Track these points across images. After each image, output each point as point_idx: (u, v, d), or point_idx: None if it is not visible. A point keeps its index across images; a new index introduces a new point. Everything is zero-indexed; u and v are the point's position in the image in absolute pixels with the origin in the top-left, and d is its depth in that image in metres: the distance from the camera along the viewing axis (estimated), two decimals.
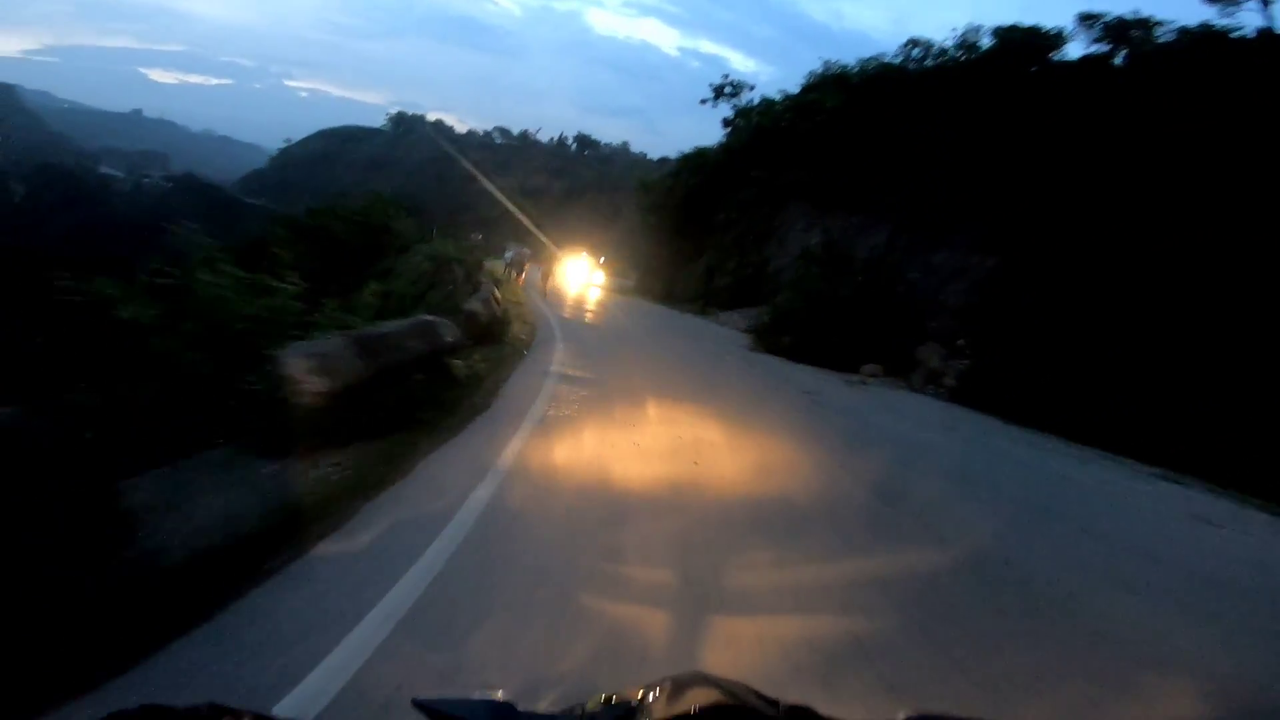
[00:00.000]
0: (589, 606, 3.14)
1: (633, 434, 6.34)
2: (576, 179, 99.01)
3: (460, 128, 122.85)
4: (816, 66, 28.84)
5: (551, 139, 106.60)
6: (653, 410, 7.65)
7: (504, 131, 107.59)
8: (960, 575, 4.23)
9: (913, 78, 23.35)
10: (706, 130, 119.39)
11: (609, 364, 10.87)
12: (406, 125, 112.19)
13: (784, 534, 4.48)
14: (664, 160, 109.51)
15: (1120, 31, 18.65)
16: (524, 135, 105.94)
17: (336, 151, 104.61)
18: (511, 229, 67.17)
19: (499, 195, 67.12)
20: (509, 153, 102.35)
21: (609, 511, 4.37)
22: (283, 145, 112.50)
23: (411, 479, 4.45)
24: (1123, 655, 3.52)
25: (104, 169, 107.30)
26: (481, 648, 2.70)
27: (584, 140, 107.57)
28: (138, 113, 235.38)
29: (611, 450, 5.74)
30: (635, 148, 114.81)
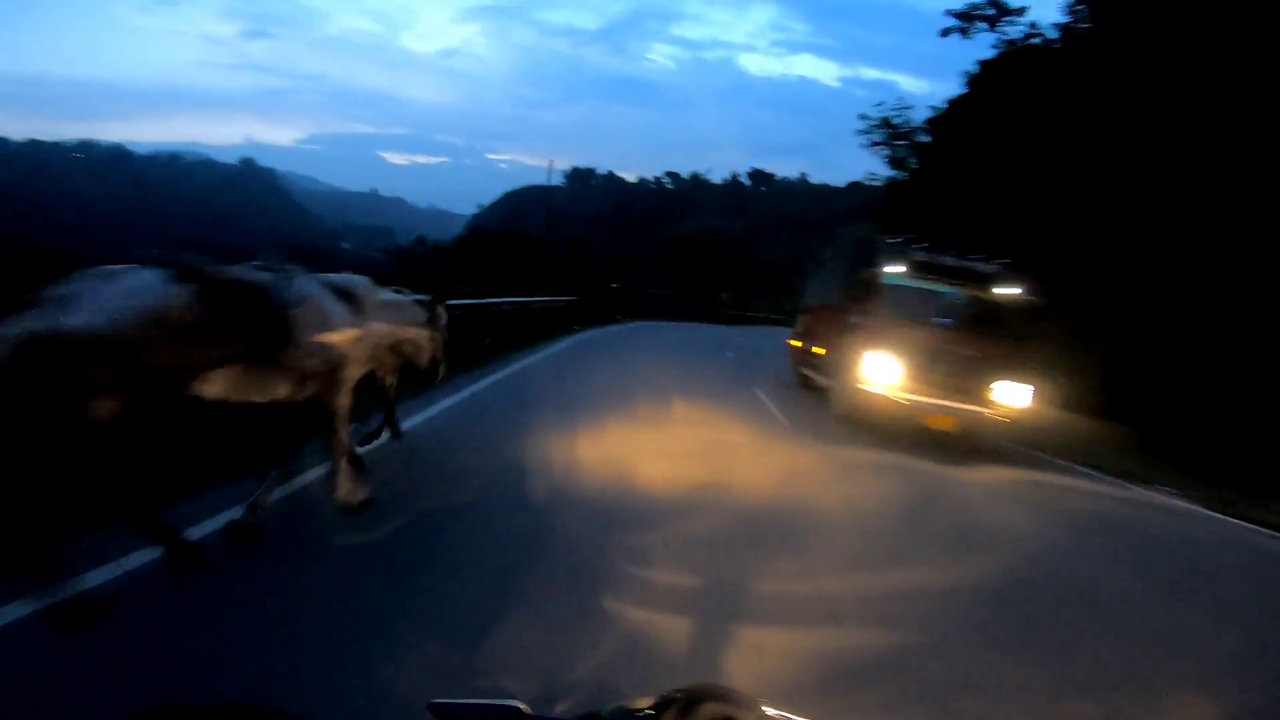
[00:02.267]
0: None
1: None
2: (757, 216, 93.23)
3: (630, 178, 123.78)
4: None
5: (724, 179, 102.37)
6: None
7: (674, 176, 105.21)
8: None
9: None
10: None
11: None
12: (581, 180, 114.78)
13: None
14: (855, 186, 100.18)
15: None
16: (695, 178, 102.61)
17: (521, 212, 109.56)
18: (708, 276, 62.52)
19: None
20: (681, 196, 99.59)
21: None
22: (476, 211, 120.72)
23: None
24: None
25: (343, 244, 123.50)
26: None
27: (759, 176, 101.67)
28: (375, 191, 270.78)
29: None
30: (814, 179, 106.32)
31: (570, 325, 20.34)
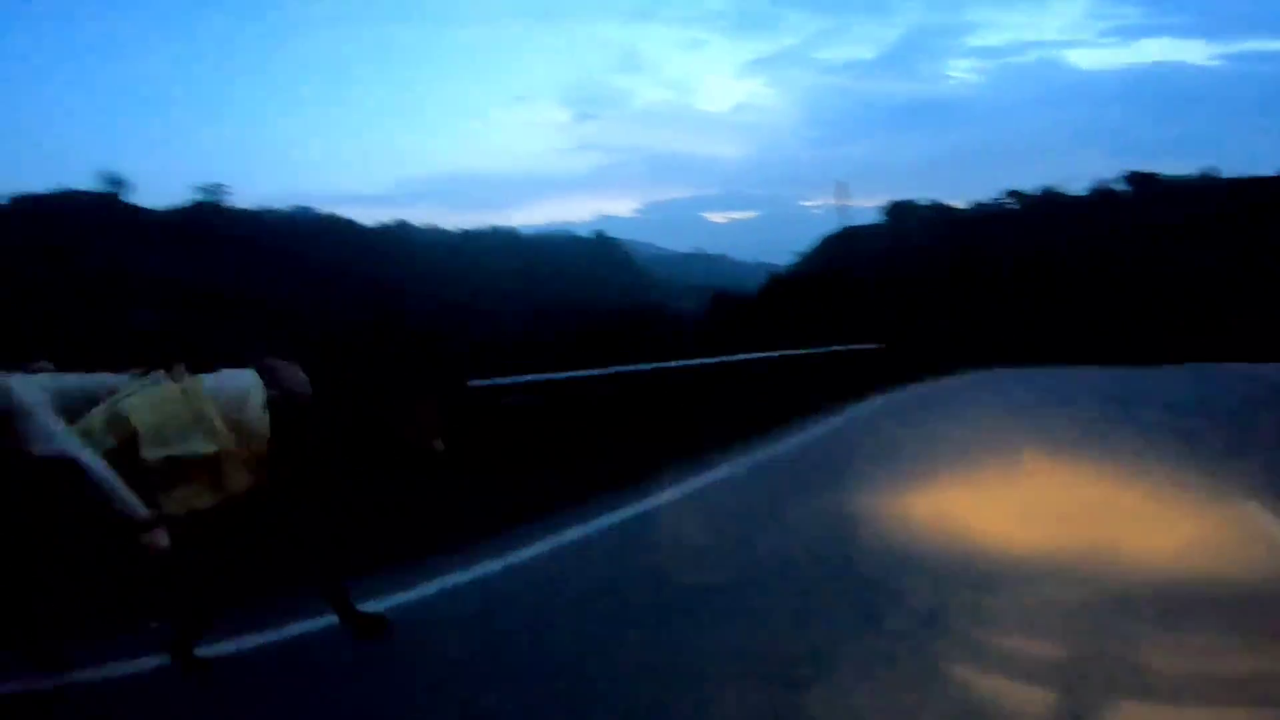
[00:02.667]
0: None
1: None
2: (1144, 227, 75.88)
3: (961, 204, 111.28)
4: None
5: (1088, 188, 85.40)
6: None
7: (1017, 195, 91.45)
8: None
9: None
10: None
11: None
12: (901, 214, 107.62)
13: None
14: None
15: None
16: (1047, 192, 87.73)
17: (841, 254, 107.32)
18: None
19: None
20: (1032, 216, 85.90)
21: None
22: (794, 261, 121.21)
23: None
24: None
25: (679, 303, 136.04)
26: None
27: (1139, 178, 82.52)
28: (701, 251, 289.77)
29: None
30: (1226, 171, 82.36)
31: (869, 385, 15.53)
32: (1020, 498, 6.01)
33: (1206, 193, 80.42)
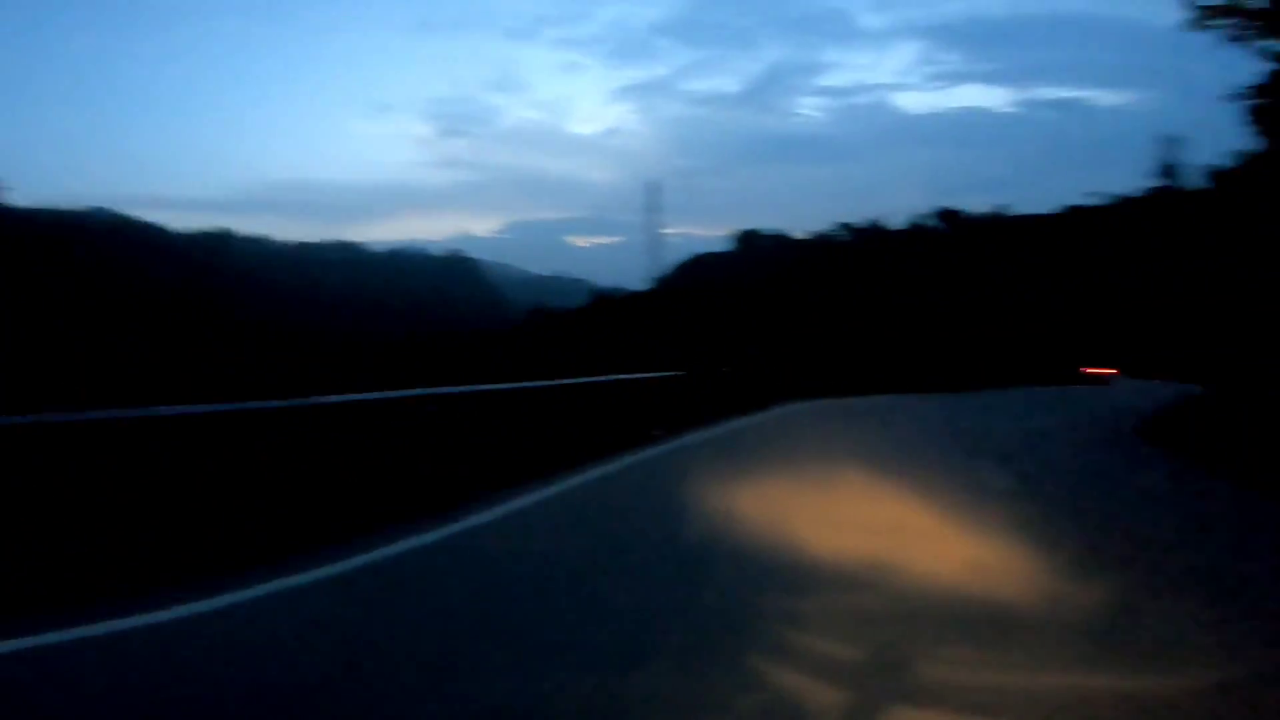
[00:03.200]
0: None
1: None
2: (953, 260, 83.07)
3: (800, 234, 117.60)
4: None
5: (905, 223, 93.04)
6: None
7: (848, 227, 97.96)
8: None
9: None
10: (1083, 178, 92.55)
11: None
12: (749, 243, 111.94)
13: None
14: (1075, 211, 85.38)
15: None
16: (874, 224, 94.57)
17: (696, 282, 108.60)
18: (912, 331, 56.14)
19: None
20: (860, 246, 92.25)
21: None
22: (649, 286, 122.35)
23: None
24: None
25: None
26: None
27: (946, 215, 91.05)
28: (560, 274, 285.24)
29: None
30: (1018, 208, 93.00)
31: (656, 425, 12.77)
32: None
33: (999, 228, 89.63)
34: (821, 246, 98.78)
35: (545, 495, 7.80)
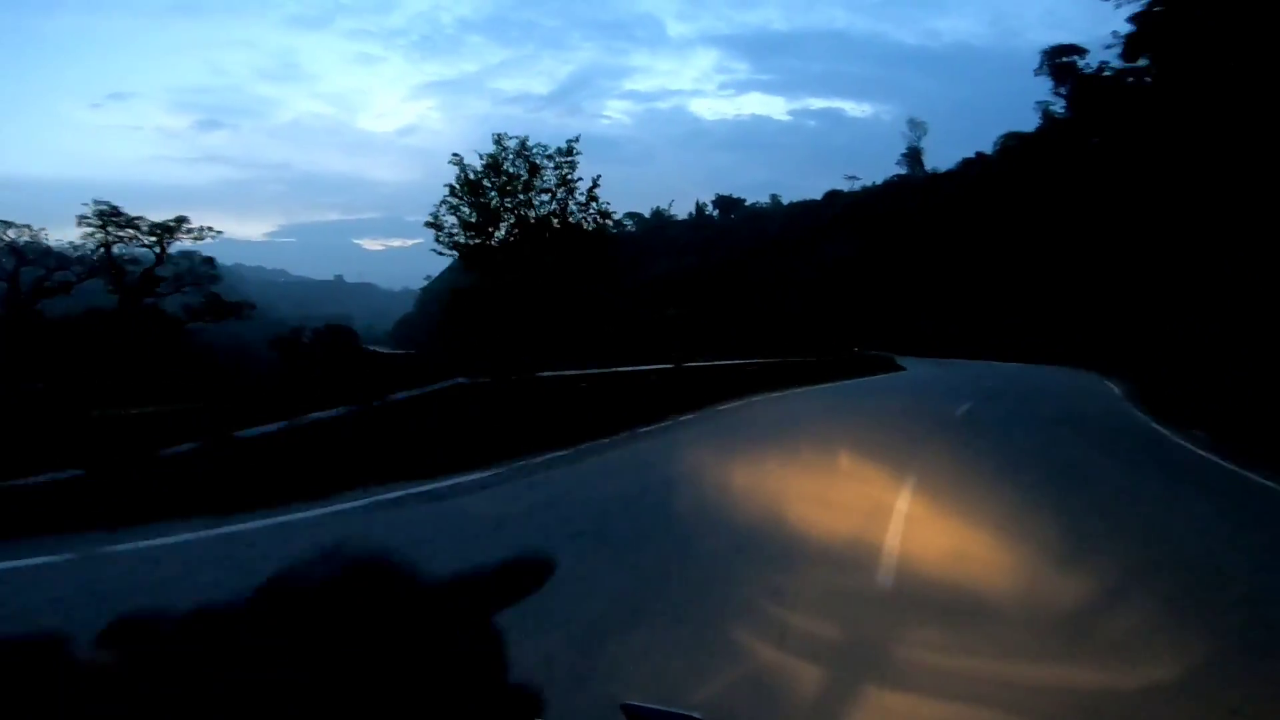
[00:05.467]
0: None
1: None
2: (732, 247, 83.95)
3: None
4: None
5: (689, 213, 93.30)
6: None
7: (635, 216, 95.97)
8: None
9: None
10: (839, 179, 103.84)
11: None
12: (531, 232, 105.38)
13: None
14: (834, 194, 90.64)
15: None
16: (658, 213, 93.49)
17: (472, 278, 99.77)
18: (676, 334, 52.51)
19: None
20: (646, 239, 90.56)
21: None
22: (423, 285, 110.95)
23: None
24: None
25: (304, 339, 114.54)
26: None
27: (726, 202, 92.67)
28: (339, 279, 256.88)
29: None
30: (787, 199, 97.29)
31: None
32: None
33: (776, 214, 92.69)
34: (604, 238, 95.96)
35: None
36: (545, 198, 19.94)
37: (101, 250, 33.64)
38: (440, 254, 20.26)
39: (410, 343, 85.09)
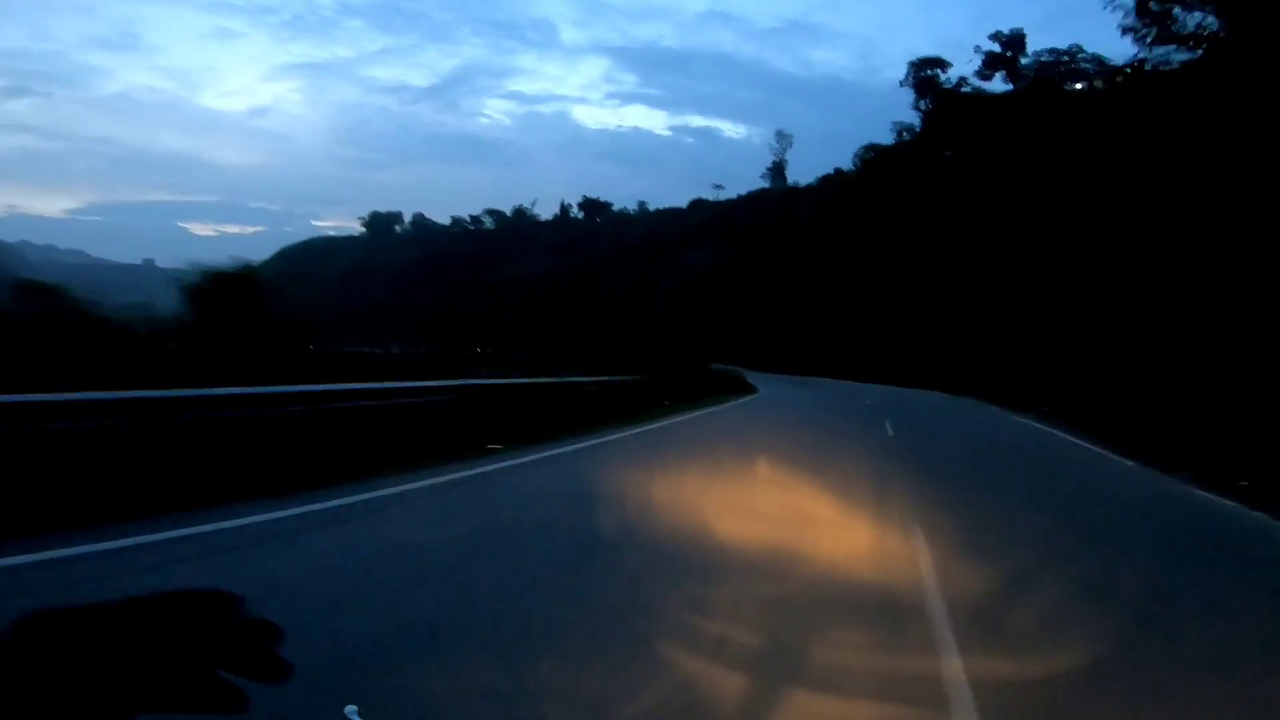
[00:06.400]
0: None
1: None
2: (594, 251, 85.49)
3: (443, 219, 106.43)
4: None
5: (554, 214, 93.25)
6: None
7: (495, 214, 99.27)
8: None
9: None
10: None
11: None
12: (383, 226, 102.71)
13: None
14: (699, 203, 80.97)
15: None
16: (519, 213, 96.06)
17: (304, 271, 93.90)
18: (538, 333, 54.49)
19: None
20: (505, 238, 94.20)
21: None
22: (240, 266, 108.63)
23: None
24: None
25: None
26: None
27: (592, 205, 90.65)
28: (150, 263, 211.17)
29: None
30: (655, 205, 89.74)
31: None
32: None
33: (641, 219, 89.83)
34: (464, 234, 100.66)
35: None
36: None
37: None
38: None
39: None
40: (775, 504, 6.04)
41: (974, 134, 40.52)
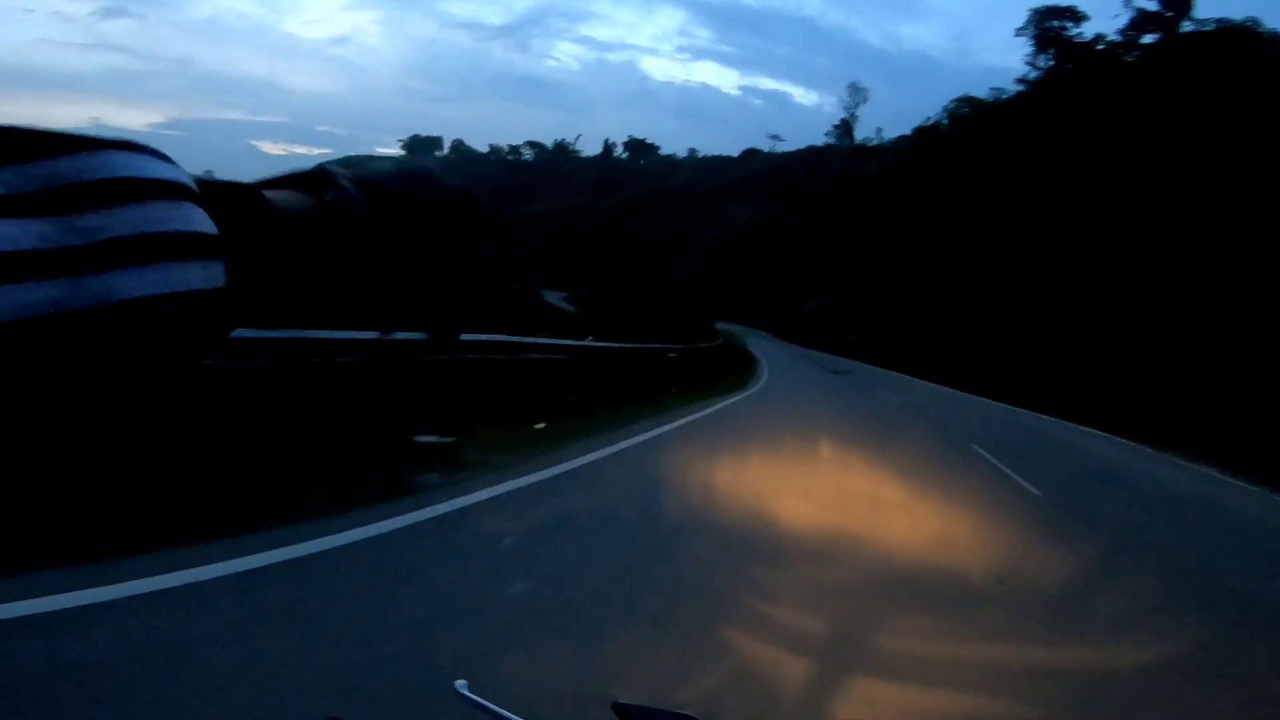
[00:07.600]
0: None
1: None
2: (631, 192, 79.08)
3: (481, 147, 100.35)
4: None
5: (597, 152, 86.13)
6: None
7: (535, 145, 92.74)
8: None
9: None
10: None
11: None
12: (422, 149, 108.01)
13: None
14: (752, 153, 73.62)
15: None
16: (560, 147, 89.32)
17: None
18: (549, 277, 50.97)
19: None
20: (541, 170, 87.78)
21: None
22: None
23: None
24: None
25: None
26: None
27: (638, 145, 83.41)
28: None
29: None
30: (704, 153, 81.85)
31: None
32: None
33: (688, 166, 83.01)
34: (502, 164, 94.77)
35: None
36: None
37: None
38: None
39: None
40: None
41: (1110, 99, 34.28)
